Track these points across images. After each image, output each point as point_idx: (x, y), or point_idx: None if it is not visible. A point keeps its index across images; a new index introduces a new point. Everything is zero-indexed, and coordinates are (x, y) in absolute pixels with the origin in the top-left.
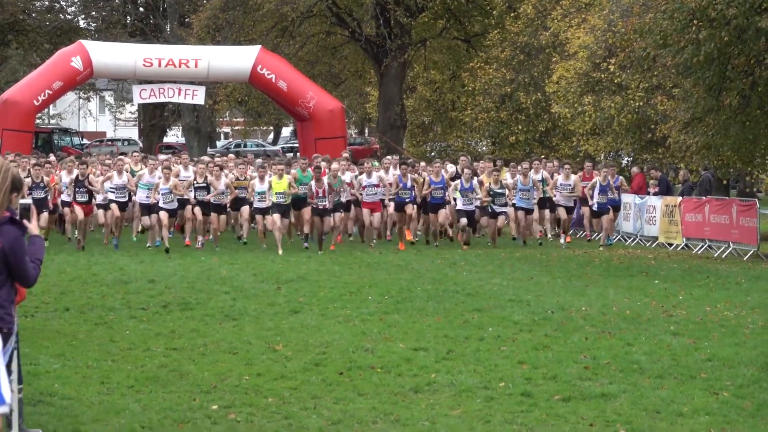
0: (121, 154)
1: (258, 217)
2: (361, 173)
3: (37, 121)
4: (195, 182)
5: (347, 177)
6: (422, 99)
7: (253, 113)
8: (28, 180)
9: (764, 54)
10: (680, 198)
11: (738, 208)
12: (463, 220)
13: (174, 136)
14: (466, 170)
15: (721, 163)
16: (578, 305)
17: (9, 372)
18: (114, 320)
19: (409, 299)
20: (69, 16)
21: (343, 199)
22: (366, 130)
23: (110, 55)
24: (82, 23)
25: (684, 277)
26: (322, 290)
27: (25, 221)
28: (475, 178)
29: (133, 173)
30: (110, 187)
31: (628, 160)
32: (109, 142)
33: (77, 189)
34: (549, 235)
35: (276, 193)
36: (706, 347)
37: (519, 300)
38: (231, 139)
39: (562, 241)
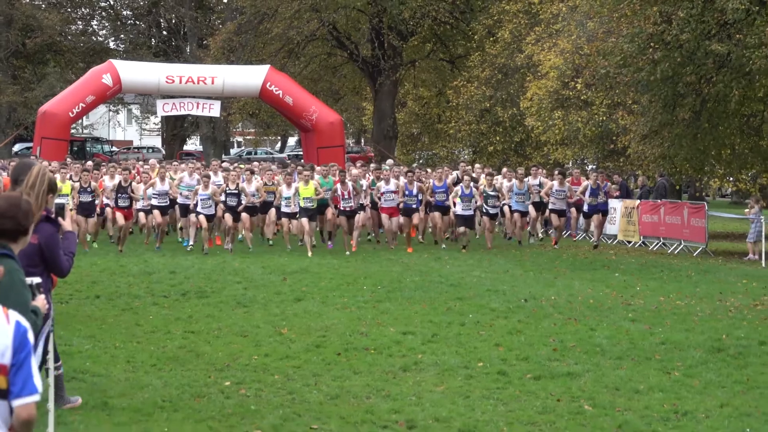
0: (144, 160)
1: (284, 220)
2: (379, 180)
3: (72, 130)
4: (227, 188)
5: (363, 183)
6: (412, 113)
7: (263, 124)
8: (77, 185)
9: (713, 73)
10: (638, 201)
11: (689, 210)
12: (461, 228)
13: (193, 144)
14: (465, 177)
15: (674, 171)
16: (548, 295)
17: (46, 352)
18: (139, 306)
19: (399, 289)
20: (100, 39)
21: (363, 202)
22: (362, 140)
23: (137, 72)
24: (112, 45)
25: (641, 270)
26: (322, 281)
27: (59, 219)
28: (472, 183)
29: (172, 179)
30: (153, 193)
31: (592, 167)
32: (136, 150)
33: (119, 195)
34: (540, 235)
35: (303, 198)
36: (659, 332)
37: (496, 290)
38: (243, 147)
39: (554, 243)
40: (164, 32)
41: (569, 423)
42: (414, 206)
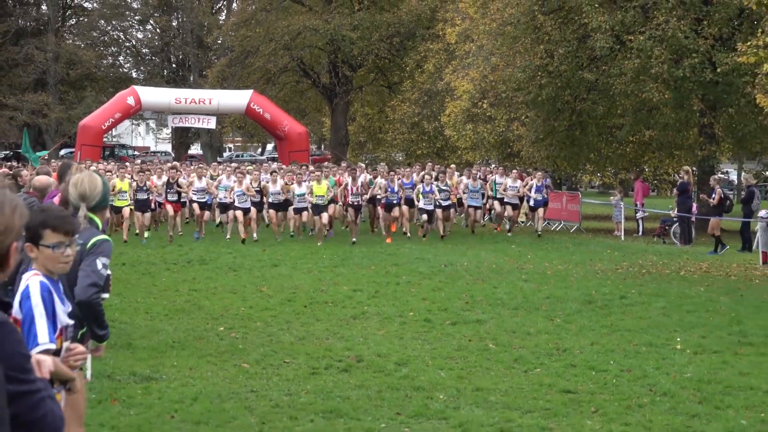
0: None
1: (296, 215)
2: (383, 179)
3: (104, 139)
4: (250, 186)
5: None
6: (360, 125)
7: (248, 134)
8: (134, 183)
9: (584, 95)
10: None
11: (567, 197)
12: (424, 217)
13: (195, 149)
14: (426, 176)
15: (556, 168)
16: (461, 261)
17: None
18: (154, 271)
19: (351, 258)
20: (125, 70)
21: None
22: (322, 146)
23: (153, 96)
24: (134, 74)
25: (531, 243)
26: (292, 251)
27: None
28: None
29: (212, 178)
30: (192, 190)
31: (494, 166)
32: (152, 153)
33: (168, 190)
34: (493, 223)
35: (316, 196)
36: (545, 289)
37: (422, 258)
38: (233, 152)
39: (509, 231)
40: (174, 65)
41: (478, 357)
42: (395, 201)
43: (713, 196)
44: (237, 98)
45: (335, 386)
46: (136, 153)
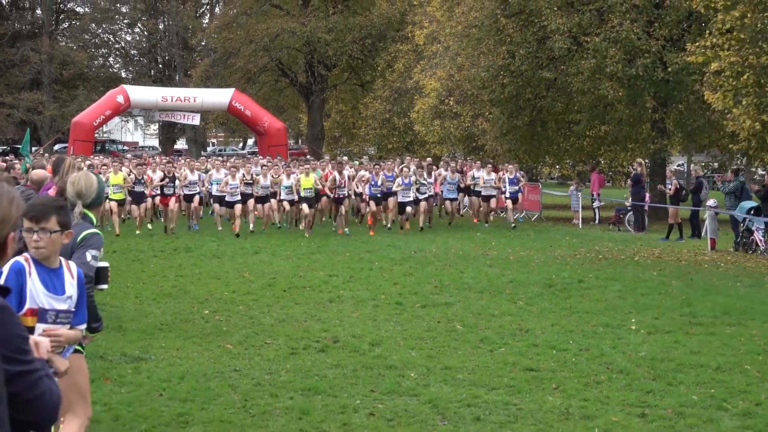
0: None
1: (287, 205)
2: (377, 174)
3: (96, 135)
4: (243, 178)
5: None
6: (334, 121)
7: (230, 130)
8: (132, 177)
9: (544, 93)
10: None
11: (528, 188)
12: (408, 209)
13: (181, 144)
14: (405, 169)
15: (518, 161)
16: (430, 248)
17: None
18: (143, 258)
19: (327, 246)
20: (115, 70)
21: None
22: (300, 141)
23: (141, 94)
24: (123, 74)
25: (495, 231)
26: (272, 240)
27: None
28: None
29: (205, 171)
30: (184, 184)
31: (462, 159)
32: (140, 148)
33: (168, 184)
34: (472, 213)
35: (304, 189)
36: (508, 274)
37: (394, 245)
38: (216, 147)
39: (486, 223)
40: (160, 65)
41: (446, 338)
42: (378, 195)
43: (669, 186)
44: (219, 96)
45: (313, 365)
46: (125, 148)
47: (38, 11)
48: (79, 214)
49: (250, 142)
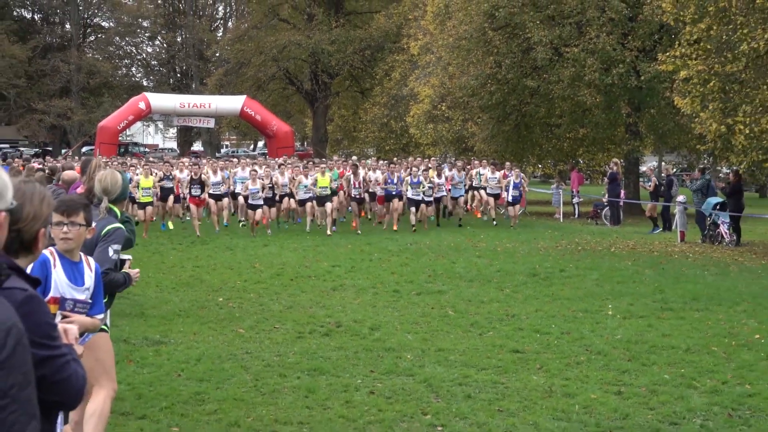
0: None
1: (301, 207)
2: (382, 172)
3: (120, 138)
4: (263, 182)
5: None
6: (337, 125)
7: (242, 133)
8: (160, 173)
9: (528, 99)
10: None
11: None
12: (413, 209)
13: (197, 146)
14: (414, 168)
15: (505, 161)
16: (424, 241)
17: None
18: (163, 250)
19: (330, 238)
20: (137, 79)
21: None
22: (305, 143)
23: (161, 101)
24: (145, 83)
25: (482, 226)
26: (281, 233)
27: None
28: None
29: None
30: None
31: (452, 160)
32: (160, 150)
33: (192, 185)
34: (479, 212)
35: (320, 187)
36: (496, 264)
37: (392, 239)
38: (229, 148)
39: (494, 220)
40: (178, 75)
41: (439, 323)
42: (394, 193)
43: (649, 183)
44: (232, 103)
45: (318, 348)
46: (147, 150)
47: (67, 26)
48: (105, 208)
49: (260, 144)
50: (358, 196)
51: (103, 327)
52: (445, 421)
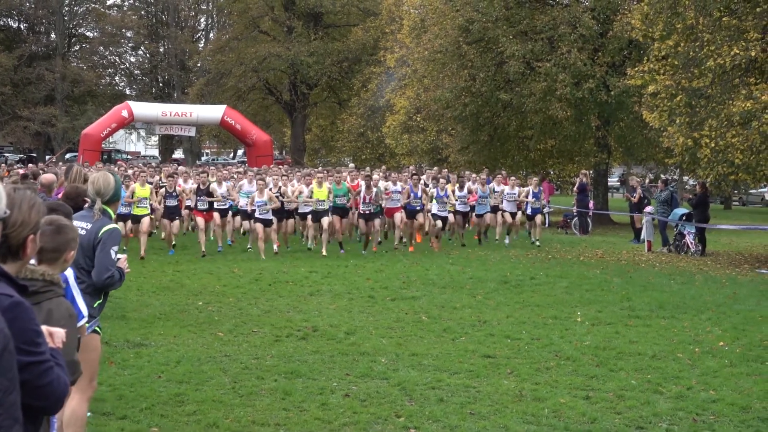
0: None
1: (302, 221)
2: (404, 183)
3: (103, 145)
4: (271, 194)
5: (382, 186)
6: (315, 135)
7: (222, 141)
8: (163, 190)
9: (500, 112)
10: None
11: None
12: (438, 223)
13: (178, 154)
14: (441, 180)
15: (478, 172)
16: (400, 249)
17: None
18: (144, 256)
19: (308, 247)
20: (120, 88)
21: (384, 205)
22: (284, 152)
23: (143, 109)
24: (128, 91)
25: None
26: (259, 242)
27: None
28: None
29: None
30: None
31: (427, 169)
32: (142, 157)
33: (198, 197)
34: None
35: (317, 200)
36: (469, 271)
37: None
38: (209, 156)
39: (507, 240)
40: (161, 84)
41: (413, 327)
42: (418, 207)
43: (634, 195)
44: (213, 112)
45: (295, 351)
46: (129, 156)
47: (52, 35)
48: (99, 210)
49: (240, 152)
50: (366, 212)
51: (96, 329)
52: (418, 423)
